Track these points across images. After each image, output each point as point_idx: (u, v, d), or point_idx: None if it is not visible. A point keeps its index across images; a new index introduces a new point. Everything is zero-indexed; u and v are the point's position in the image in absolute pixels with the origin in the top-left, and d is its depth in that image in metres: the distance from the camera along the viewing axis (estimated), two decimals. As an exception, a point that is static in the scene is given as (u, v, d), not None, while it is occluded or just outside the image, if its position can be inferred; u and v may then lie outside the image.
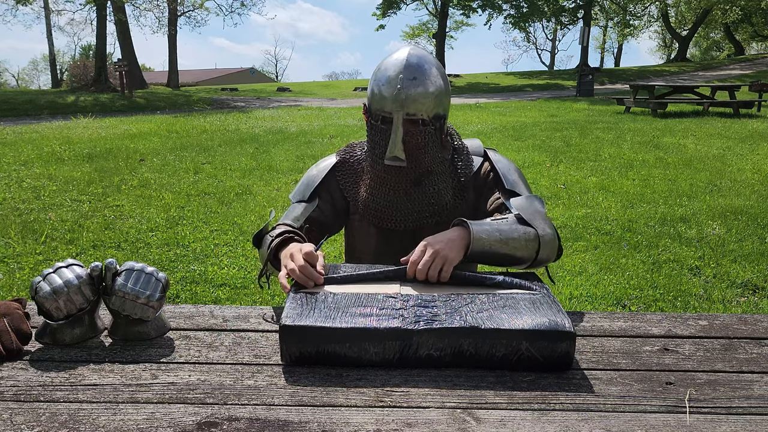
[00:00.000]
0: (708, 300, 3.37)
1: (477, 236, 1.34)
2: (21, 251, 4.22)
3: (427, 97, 1.46)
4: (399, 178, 1.55)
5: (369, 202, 1.61)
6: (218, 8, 40.84)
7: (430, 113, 1.48)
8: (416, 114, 1.47)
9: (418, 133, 1.49)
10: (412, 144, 1.49)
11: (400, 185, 1.56)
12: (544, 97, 18.67)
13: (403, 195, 1.57)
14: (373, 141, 1.55)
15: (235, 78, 46.27)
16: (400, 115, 1.46)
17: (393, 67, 1.47)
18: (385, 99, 1.47)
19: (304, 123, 12.13)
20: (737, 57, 34.96)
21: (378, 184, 1.59)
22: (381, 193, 1.59)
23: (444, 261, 1.30)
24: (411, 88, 1.45)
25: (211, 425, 0.94)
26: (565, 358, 1.10)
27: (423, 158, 1.52)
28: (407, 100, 1.45)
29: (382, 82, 1.48)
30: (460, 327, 1.09)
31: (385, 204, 1.59)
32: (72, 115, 14.10)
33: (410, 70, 1.45)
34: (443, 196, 1.59)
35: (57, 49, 39.09)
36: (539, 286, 1.27)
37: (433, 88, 1.47)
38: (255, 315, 1.37)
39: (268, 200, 5.71)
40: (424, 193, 1.57)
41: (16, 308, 1.25)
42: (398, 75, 1.45)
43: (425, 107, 1.47)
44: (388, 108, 1.47)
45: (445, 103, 1.52)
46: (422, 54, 1.51)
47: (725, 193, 5.75)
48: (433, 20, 33.33)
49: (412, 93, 1.45)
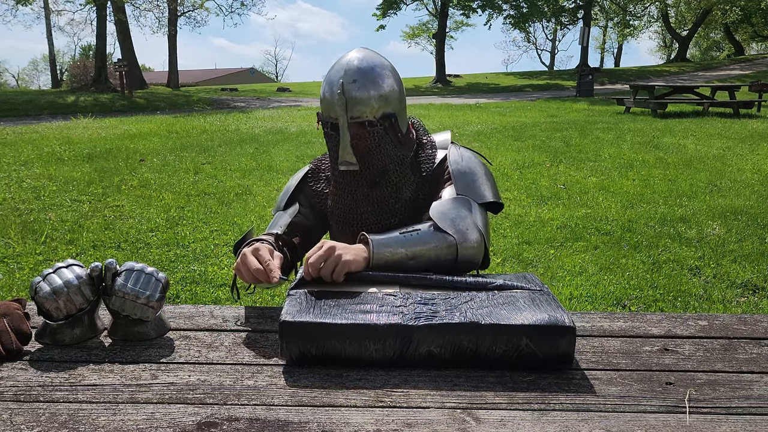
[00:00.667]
0: (708, 300, 3.37)
1: (378, 250, 1.31)
2: (21, 251, 4.22)
3: (370, 98, 1.45)
4: (355, 181, 1.54)
5: (334, 208, 1.63)
6: (218, 8, 40.89)
7: (377, 114, 1.47)
8: (360, 116, 1.45)
9: (367, 135, 1.47)
10: (361, 147, 1.48)
11: (357, 188, 1.56)
12: (544, 98, 18.68)
13: (362, 198, 1.56)
14: (330, 148, 1.55)
15: (235, 78, 46.29)
16: (344, 119, 1.45)
17: (335, 72, 1.47)
18: (330, 104, 1.47)
19: (304, 123, 12.14)
20: (737, 57, 34.97)
21: (339, 190, 1.59)
22: (342, 198, 1.59)
23: (337, 261, 1.26)
24: (352, 91, 1.44)
25: (211, 425, 0.94)
26: (565, 356, 1.09)
27: (375, 159, 1.51)
28: (349, 103, 1.44)
29: (327, 88, 1.48)
30: (461, 323, 1.09)
31: (346, 208, 1.59)
32: (72, 115, 14.10)
33: (350, 73, 1.45)
34: (403, 193, 1.56)
35: (57, 49, 39.14)
36: (539, 285, 1.27)
37: (376, 89, 1.45)
38: (255, 315, 1.37)
39: (268, 200, 5.71)
40: (382, 193, 1.55)
41: (16, 308, 1.25)
42: (338, 80, 1.45)
43: (369, 108, 1.46)
44: (333, 114, 1.47)
45: (393, 101, 1.49)
46: (366, 56, 1.49)
47: (725, 193, 5.75)
48: (433, 20, 33.33)
49: (353, 96, 1.44)
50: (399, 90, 1.51)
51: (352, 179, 1.54)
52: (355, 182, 1.54)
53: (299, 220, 1.62)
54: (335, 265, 1.26)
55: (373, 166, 1.52)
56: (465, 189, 1.47)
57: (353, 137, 1.47)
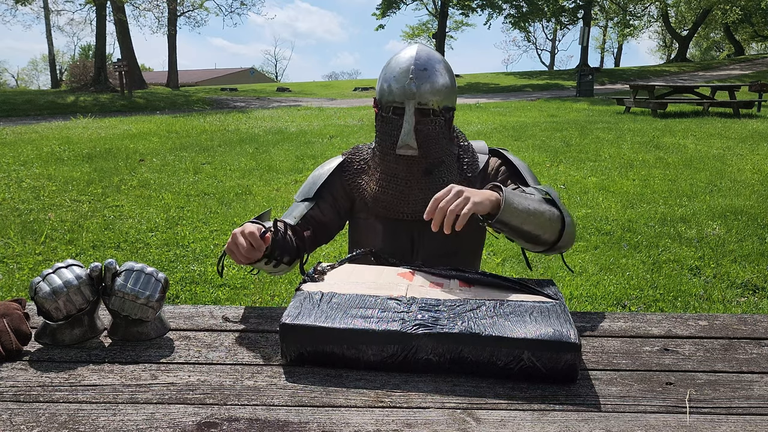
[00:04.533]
0: (708, 300, 3.37)
1: (509, 201, 1.31)
2: (20, 251, 4.22)
3: (438, 89, 1.52)
4: (410, 168, 1.57)
5: (378, 195, 1.62)
6: (218, 8, 40.93)
7: (441, 104, 1.53)
8: (427, 104, 1.52)
9: (429, 122, 1.53)
10: (423, 133, 1.53)
11: (411, 175, 1.58)
12: (544, 97, 18.67)
13: (415, 185, 1.59)
14: (384, 132, 1.58)
15: (234, 78, 46.27)
16: (412, 105, 1.50)
17: (404, 61, 1.53)
18: (396, 91, 1.52)
19: (304, 123, 12.13)
20: (737, 57, 34.96)
21: (389, 176, 1.60)
22: (391, 184, 1.60)
23: (467, 201, 1.26)
24: (422, 79, 1.50)
25: (211, 426, 0.93)
26: (569, 370, 1.06)
27: (434, 148, 1.56)
28: (419, 90, 1.50)
29: (393, 75, 1.53)
30: (460, 333, 1.08)
31: (395, 195, 1.60)
32: (71, 115, 14.10)
33: (421, 62, 1.51)
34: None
35: (56, 49, 39.10)
36: (554, 293, 1.25)
37: (442, 80, 1.53)
38: (255, 315, 1.37)
39: (267, 200, 5.71)
40: (435, 184, 1.58)
41: (16, 309, 1.25)
42: (409, 67, 1.51)
43: (436, 98, 1.52)
44: (399, 99, 1.52)
45: (453, 97, 1.57)
46: (430, 50, 1.57)
47: (725, 193, 5.75)
48: (433, 20, 33.33)
49: (423, 83, 1.50)
50: (455, 88, 1.60)
51: (408, 165, 1.57)
52: (410, 168, 1.57)
53: (315, 214, 1.63)
54: (464, 205, 1.25)
55: (430, 155, 1.56)
56: (533, 182, 1.58)
57: (417, 123, 1.52)
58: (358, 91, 23.84)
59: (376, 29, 29.39)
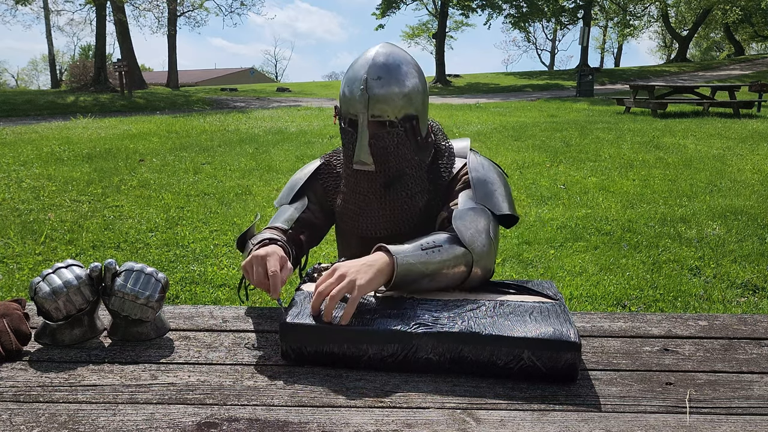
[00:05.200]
0: (708, 300, 3.37)
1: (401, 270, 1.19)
2: (20, 251, 4.22)
3: (394, 97, 1.39)
4: (369, 182, 1.48)
5: (343, 208, 1.56)
6: (218, 8, 40.94)
7: (399, 114, 1.40)
8: (382, 115, 1.39)
9: (386, 135, 1.41)
10: (378, 147, 1.42)
11: (370, 190, 1.49)
12: (544, 98, 18.67)
13: (374, 200, 1.50)
14: (344, 145, 1.49)
15: (234, 78, 46.28)
16: (364, 117, 1.39)
17: (360, 67, 1.41)
18: (351, 100, 1.41)
19: (304, 123, 12.13)
20: (737, 57, 34.97)
21: (350, 189, 1.53)
22: (353, 198, 1.53)
23: (351, 286, 1.13)
24: (375, 88, 1.38)
25: (211, 426, 0.93)
26: (569, 370, 1.06)
27: (392, 161, 1.44)
28: (372, 100, 1.38)
29: (349, 83, 1.42)
30: (460, 332, 1.08)
31: (357, 210, 1.53)
32: (71, 115, 14.10)
33: (375, 69, 1.38)
34: (417, 199, 1.50)
35: (56, 50, 39.11)
36: (554, 294, 1.25)
37: (400, 87, 1.39)
38: (255, 316, 1.37)
39: (267, 200, 5.71)
40: (397, 198, 1.49)
41: (16, 309, 1.25)
42: (363, 74, 1.39)
43: (392, 108, 1.39)
44: (353, 110, 1.41)
45: (416, 102, 1.43)
46: (392, 51, 1.43)
47: (725, 193, 5.75)
48: (433, 20, 33.31)
49: (376, 93, 1.38)
50: (423, 91, 1.45)
51: (366, 179, 1.48)
52: (368, 183, 1.48)
53: (307, 217, 1.56)
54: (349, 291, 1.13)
55: (389, 169, 1.45)
56: (483, 198, 1.40)
57: (372, 136, 1.41)
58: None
59: (375, 29, 29.39)
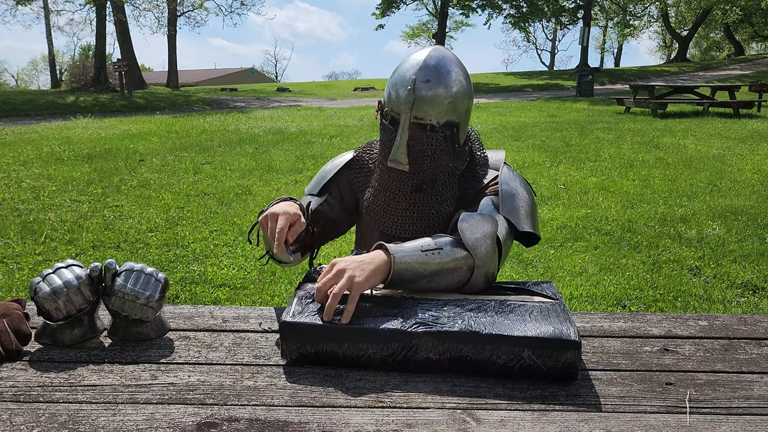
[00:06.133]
0: (708, 300, 3.37)
1: (398, 269, 1.21)
2: (20, 251, 4.22)
3: (439, 102, 1.39)
4: (400, 182, 1.49)
5: (371, 203, 1.58)
6: (218, 8, 40.93)
7: (441, 119, 1.41)
8: (425, 118, 1.40)
9: (425, 138, 1.42)
10: (416, 149, 1.43)
11: (400, 190, 1.50)
12: (544, 98, 18.67)
13: (403, 200, 1.51)
14: (382, 141, 1.51)
15: (234, 78, 46.27)
16: (407, 118, 1.40)
17: (409, 68, 1.42)
18: (396, 99, 1.42)
19: (304, 123, 12.13)
20: (737, 57, 34.97)
21: (381, 186, 1.54)
22: (383, 195, 1.54)
23: (350, 283, 1.15)
24: (422, 90, 1.38)
25: (211, 426, 0.93)
26: (569, 368, 1.06)
27: (427, 165, 1.45)
28: (417, 102, 1.39)
29: (396, 82, 1.43)
30: (460, 331, 1.08)
31: (385, 207, 1.54)
32: (71, 115, 14.10)
33: (425, 71, 1.39)
34: (445, 206, 1.50)
35: (56, 50, 39.07)
36: (554, 294, 1.25)
37: (447, 92, 1.40)
38: (255, 316, 1.37)
39: (267, 200, 5.71)
40: (426, 202, 1.49)
41: (16, 309, 1.25)
42: (412, 76, 1.40)
43: (435, 112, 1.40)
44: (397, 109, 1.42)
45: (460, 110, 1.43)
46: (443, 55, 1.44)
47: (725, 193, 5.75)
48: (433, 20, 33.32)
49: (422, 96, 1.39)
50: (469, 99, 1.46)
51: (398, 179, 1.49)
52: (399, 183, 1.49)
53: (323, 210, 1.59)
54: (348, 287, 1.15)
55: (422, 172, 1.46)
56: (509, 212, 1.40)
57: (411, 138, 1.41)
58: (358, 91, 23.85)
59: (375, 29, 29.39)
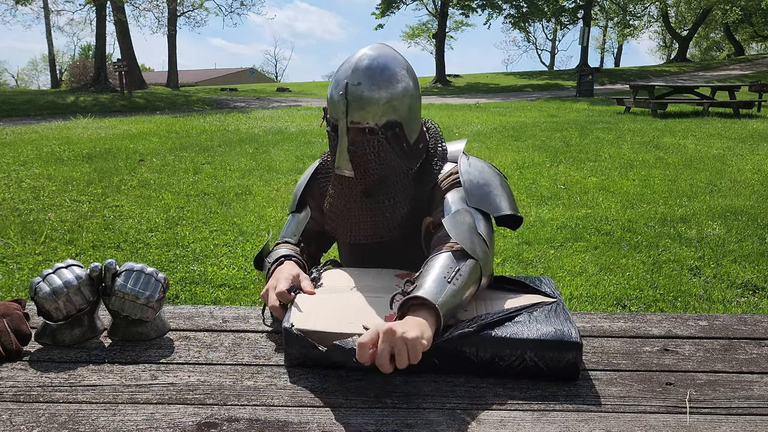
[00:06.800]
0: (708, 300, 3.37)
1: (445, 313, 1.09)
2: (20, 251, 4.22)
3: (373, 103, 1.33)
4: (349, 188, 1.43)
5: (329, 211, 1.52)
6: (218, 8, 40.93)
7: (380, 120, 1.34)
8: (361, 122, 1.34)
9: (366, 142, 1.35)
10: (358, 154, 1.36)
11: (350, 196, 1.44)
12: (544, 98, 18.67)
13: (355, 206, 1.44)
14: (330, 148, 1.46)
15: (234, 78, 46.26)
16: (343, 123, 1.34)
17: (343, 71, 1.36)
18: (332, 105, 1.37)
19: (304, 123, 12.13)
20: (737, 57, 34.97)
21: (336, 193, 1.49)
22: (337, 202, 1.49)
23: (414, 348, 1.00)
24: (355, 94, 1.32)
25: (211, 426, 0.93)
26: (571, 369, 1.07)
27: (372, 169, 1.38)
28: (350, 107, 1.33)
29: (332, 86, 1.37)
30: (461, 333, 1.08)
31: (339, 215, 1.49)
32: (71, 115, 14.09)
33: (356, 74, 1.33)
34: (400, 207, 1.42)
35: (56, 50, 39.06)
36: (552, 291, 1.26)
37: (381, 93, 1.33)
38: (255, 316, 1.37)
39: (267, 200, 5.71)
40: (378, 205, 1.42)
41: (16, 309, 1.25)
42: (344, 79, 1.34)
43: (371, 114, 1.33)
44: (335, 115, 1.36)
45: (401, 109, 1.36)
46: (380, 54, 1.37)
47: (725, 193, 5.75)
48: (433, 20, 33.29)
49: (355, 99, 1.32)
50: (411, 95, 1.39)
51: (347, 185, 1.43)
52: (349, 188, 1.43)
53: (312, 227, 1.55)
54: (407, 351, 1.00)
55: (369, 176, 1.39)
56: (479, 202, 1.33)
57: (351, 143, 1.36)
58: (358, 91, 23.78)
59: (375, 29, 29.36)
